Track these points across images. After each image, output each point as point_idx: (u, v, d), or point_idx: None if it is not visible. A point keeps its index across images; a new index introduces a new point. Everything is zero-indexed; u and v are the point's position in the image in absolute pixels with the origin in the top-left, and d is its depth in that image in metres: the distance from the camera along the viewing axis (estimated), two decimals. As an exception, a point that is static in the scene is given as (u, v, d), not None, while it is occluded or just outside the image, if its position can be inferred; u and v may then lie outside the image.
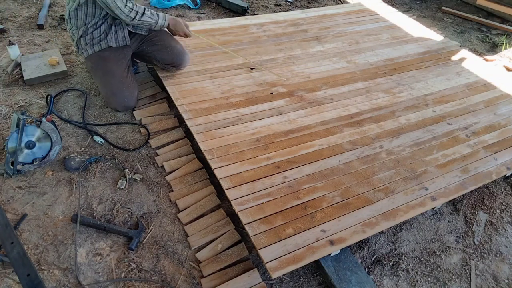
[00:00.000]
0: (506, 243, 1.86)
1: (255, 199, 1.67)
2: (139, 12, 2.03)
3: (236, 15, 3.57)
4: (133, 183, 1.87)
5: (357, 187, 1.79)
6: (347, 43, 2.98)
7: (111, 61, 2.14)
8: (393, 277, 1.66)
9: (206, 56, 2.59)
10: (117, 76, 2.14)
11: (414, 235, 1.83)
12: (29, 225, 1.64)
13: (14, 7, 3.19)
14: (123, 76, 2.16)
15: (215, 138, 1.96)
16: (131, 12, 1.99)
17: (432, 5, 4.39)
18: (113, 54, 2.14)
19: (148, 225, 1.71)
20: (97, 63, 2.15)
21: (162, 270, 1.56)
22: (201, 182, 1.89)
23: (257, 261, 1.63)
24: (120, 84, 2.15)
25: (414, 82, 2.60)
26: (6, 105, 2.20)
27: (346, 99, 2.36)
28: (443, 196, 1.80)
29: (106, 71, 2.14)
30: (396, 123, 2.21)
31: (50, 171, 1.87)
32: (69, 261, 1.54)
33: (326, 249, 1.52)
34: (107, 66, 2.13)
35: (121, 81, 2.15)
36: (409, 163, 1.95)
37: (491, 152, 2.08)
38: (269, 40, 2.89)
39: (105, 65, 2.13)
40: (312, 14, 3.39)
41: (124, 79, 2.16)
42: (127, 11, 1.97)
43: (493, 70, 2.88)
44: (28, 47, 2.72)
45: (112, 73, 2.13)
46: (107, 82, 2.16)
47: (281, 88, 2.39)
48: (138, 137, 2.12)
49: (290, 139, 2.01)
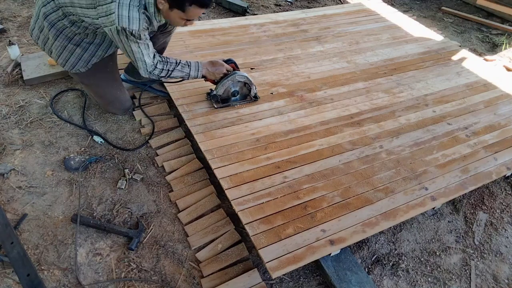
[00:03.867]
0: (506, 243, 1.86)
1: (255, 199, 1.67)
2: (170, 70, 1.84)
3: (236, 15, 3.57)
4: (133, 183, 1.87)
5: (357, 187, 1.79)
6: (347, 43, 2.98)
7: (101, 71, 1.99)
8: (393, 277, 1.66)
9: (206, 56, 2.59)
10: (110, 84, 2.06)
11: (414, 235, 1.83)
12: (29, 225, 1.64)
13: (14, 7, 3.18)
14: (115, 79, 2.09)
15: (215, 138, 1.96)
16: (161, 72, 1.82)
17: (432, 5, 4.39)
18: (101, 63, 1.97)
19: (148, 225, 1.71)
20: (86, 79, 2.01)
21: (162, 270, 1.56)
22: (201, 182, 1.89)
23: (257, 261, 1.63)
24: (114, 90, 2.10)
25: (414, 82, 2.60)
26: (6, 105, 2.20)
27: (346, 99, 2.36)
28: (443, 196, 1.80)
29: (98, 84, 2.04)
30: (396, 123, 2.21)
31: (50, 171, 1.87)
32: (69, 261, 1.54)
33: (326, 249, 1.52)
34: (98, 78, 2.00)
35: (114, 87, 2.09)
36: (409, 163, 1.95)
37: (491, 152, 2.08)
38: (269, 40, 2.89)
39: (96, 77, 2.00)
40: (312, 14, 3.39)
41: (116, 83, 2.10)
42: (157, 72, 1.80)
43: (493, 70, 2.88)
44: (28, 47, 2.72)
45: (105, 82, 2.04)
46: (102, 93, 2.08)
47: (281, 88, 2.39)
48: (138, 137, 2.12)
49: (290, 139, 2.01)
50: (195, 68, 1.94)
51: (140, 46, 1.70)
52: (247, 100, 2.22)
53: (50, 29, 1.82)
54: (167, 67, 1.84)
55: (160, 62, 1.81)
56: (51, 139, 2.03)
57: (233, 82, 2.09)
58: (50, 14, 1.79)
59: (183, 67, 1.89)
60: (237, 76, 2.07)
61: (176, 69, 1.87)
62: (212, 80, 2.07)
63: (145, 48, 1.73)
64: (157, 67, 1.80)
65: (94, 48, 1.89)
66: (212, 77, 2.04)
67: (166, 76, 1.86)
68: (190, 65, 1.92)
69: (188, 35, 2.78)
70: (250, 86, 2.16)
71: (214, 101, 2.17)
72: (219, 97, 2.12)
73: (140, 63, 1.76)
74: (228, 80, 2.06)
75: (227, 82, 2.06)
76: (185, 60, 1.92)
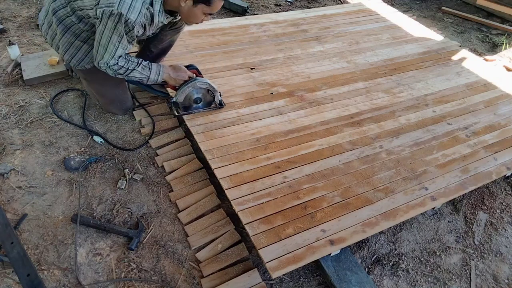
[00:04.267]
0: (506, 243, 1.86)
1: (255, 199, 1.67)
2: (130, 69, 1.77)
3: (236, 15, 3.57)
4: (133, 183, 1.87)
5: (357, 187, 1.79)
6: (347, 43, 2.98)
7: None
8: (393, 277, 1.66)
9: (206, 56, 2.59)
10: (113, 83, 2.05)
11: (414, 235, 1.83)
12: (29, 225, 1.64)
13: (14, 7, 3.18)
14: (119, 79, 2.04)
15: (215, 138, 1.96)
16: (120, 69, 1.75)
17: (432, 5, 4.39)
18: None
19: (148, 225, 1.71)
20: (90, 75, 2.01)
21: (162, 270, 1.56)
22: (201, 182, 1.89)
23: (257, 261, 1.63)
24: (116, 89, 2.09)
25: (414, 82, 2.60)
26: (6, 105, 2.20)
27: (346, 99, 2.36)
28: (443, 196, 1.80)
29: (101, 82, 2.02)
30: (396, 123, 2.21)
31: (50, 171, 1.87)
32: (69, 261, 1.54)
33: (326, 249, 1.52)
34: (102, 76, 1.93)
35: (117, 86, 2.09)
36: (409, 163, 1.95)
37: (491, 152, 2.08)
38: (269, 40, 2.89)
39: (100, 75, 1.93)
40: (312, 14, 3.39)
41: (120, 82, 2.08)
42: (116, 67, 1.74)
43: (493, 70, 2.88)
44: (28, 47, 2.72)
45: (108, 81, 2.02)
46: (104, 91, 2.08)
47: (281, 88, 2.39)
48: (138, 137, 2.12)
49: (290, 139, 2.01)
50: (156, 72, 1.86)
51: (120, 40, 1.65)
52: (211, 107, 2.14)
53: (58, 25, 1.82)
54: (127, 65, 1.76)
55: (122, 59, 1.74)
56: (51, 139, 2.03)
57: (194, 89, 2.01)
58: (59, 10, 1.79)
59: (143, 69, 1.82)
60: (197, 83, 1.99)
61: (136, 69, 1.79)
62: (173, 86, 2.01)
63: (121, 45, 1.67)
64: (118, 62, 1.73)
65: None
66: (172, 82, 1.98)
67: (124, 74, 1.78)
68: (151, 68, 1.84)
69: (188, 35, 2.78)
70: (213, 93, 2.07)
71: (175, 108, 2.09)
72: (180, 104, 2.05)
73: (103, 51, 1.68)
74: (188, 87, 1.97)
75: (187, 88, 1.98)
76: (146, 62, 1.84)
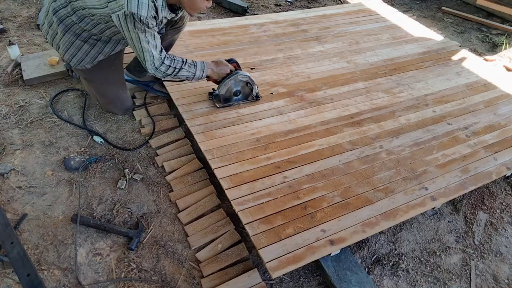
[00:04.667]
0: (506, 243, 1.86)
1: (255, 199, 1.67)
2: (177, 68, 1.77)
3: (236, 15, 3.57)
4: (133, 183, 1.87)
5: (357, 187, 1.79)
6: (347, 43, 2.98)
7: (106, 69, 1.98)
8: (393, 277, 1.66)
9: (206, 56, 2.59)
10: (113, 82, 2.05)
11: (414, 235, 1.83)
12: (29, 225, 1.64)
13: (14, 7, 3.18)
14: (119, 79, 2.08)
15: (215, 138, 1.96)
16: (168, 69, 1.74)
17: (432, 5, 4.39)
18: (107, 61, 1.95)
19: (148, 225, 1.71)
20: (90, 75, 1.99)
21: (162, 270, 1.56)
22: (201, 182, 1.89)
23: (257, 261, 1.63)
24: (116, 89, 2.08)
25: (414, 82, 2.60)
26: (6, 105, 2.20)
27: (346, 99, 2.36)
28: (443, 196, 1.80)
29: (102, 81, 2.02)
30: (396, 123, 2.21)
31: (50, 171, 1.87)
32: (69, 261, 1.54)
33: (326, 249, 1.52)
34: (103, 76, 1.98)
35: (117, 86, 2.08)
36: (409, 163, 1.95)
37: (491, 152, 2.08)
38: (269, 40, 2.89)
39: (100, 74, 1.98)
40: (312, 14, 3.39)
41: (120, 82, 2.09)
42: (164, 68, 1.72)
43: (493, 70, 2.88)
44: (28, 47, 2.72)
45: (109, 81, 2.02)
46: (104, 91, 2.07)
47: (281, 88, 2.39)
48: (138, 137, 2.12)
49: (290, 139, 2.01)
50: (200, 68, 1.89)
51: (147, 35, 1.63)
52: (249, 100, 2.22)
53: (58, 24, 1.81)
54: (174, 65, 1.77)
55: (167, 58, 1.74)
56: (51, 139, 2.03)
57: (235, 82, 2.09)
58: (60, 10, 1.78)
59: (189, 67, 1.83)
60: (239, 76, 2.07)
61: (183, 68, 1.80)
62: (215, 79, 2.06)
63: (152, 39, 1.65)
64: (164, 62, 1.73)
65: (101, 45, 1.88)
66: (215, 76, 2.03)
67: (172, 74, 1.78)
68: (196, 65, 1.86)
69: (188, 35, 2.77)
70: (252, 86, 2.16)
71: (216, 101, 2.17)
72: (221, 96, 2.13)
73: (147, 55, 1.67)
74: (230, 80, 2.06)
75: (229, 81, 2.06)
76: (190, 60, 1.87)
